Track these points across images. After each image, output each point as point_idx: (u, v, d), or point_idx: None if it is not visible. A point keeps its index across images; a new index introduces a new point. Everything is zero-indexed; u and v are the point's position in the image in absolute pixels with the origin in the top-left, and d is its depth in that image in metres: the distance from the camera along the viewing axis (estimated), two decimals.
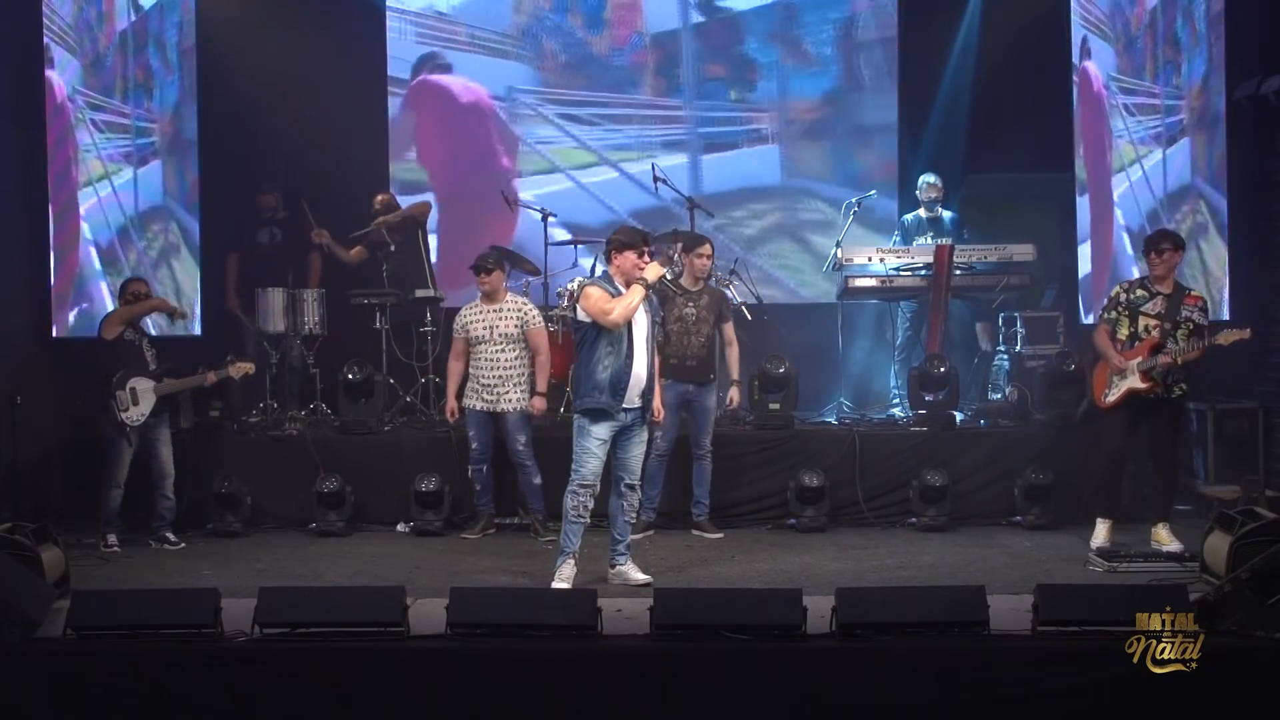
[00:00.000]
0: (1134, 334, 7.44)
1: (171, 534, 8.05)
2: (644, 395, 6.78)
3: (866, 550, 7.72)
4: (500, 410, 8.05)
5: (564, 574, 6.73)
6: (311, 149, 9.98)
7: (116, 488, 7.91)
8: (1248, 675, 5.27)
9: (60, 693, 5.39)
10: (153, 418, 7.96)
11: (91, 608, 5.68)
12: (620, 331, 6.66)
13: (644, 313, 6.78)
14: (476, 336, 8.09)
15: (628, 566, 6.92)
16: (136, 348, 8.07)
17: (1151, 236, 7.71)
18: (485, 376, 8.07)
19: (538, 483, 8.08)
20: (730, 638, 5.44)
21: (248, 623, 5.57)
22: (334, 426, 9.02)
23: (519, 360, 8.09)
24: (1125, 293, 7.55)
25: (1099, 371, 7.60)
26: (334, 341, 9.43)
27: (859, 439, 8.60)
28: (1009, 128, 10.16)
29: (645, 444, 6.97)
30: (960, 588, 5.88)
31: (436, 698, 5.39)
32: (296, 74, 9.96)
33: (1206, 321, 7.44)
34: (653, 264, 6.79)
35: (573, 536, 6.75)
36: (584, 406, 6.73)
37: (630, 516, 6.96)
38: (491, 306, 8.15)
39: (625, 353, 6.67)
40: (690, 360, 8.02)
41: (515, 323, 8.09)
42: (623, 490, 6.87)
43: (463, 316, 8.24)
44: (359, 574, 7.22)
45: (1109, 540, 7.42)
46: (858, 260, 9.36)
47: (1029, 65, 10.13)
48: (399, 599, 5.61)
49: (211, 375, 8.19)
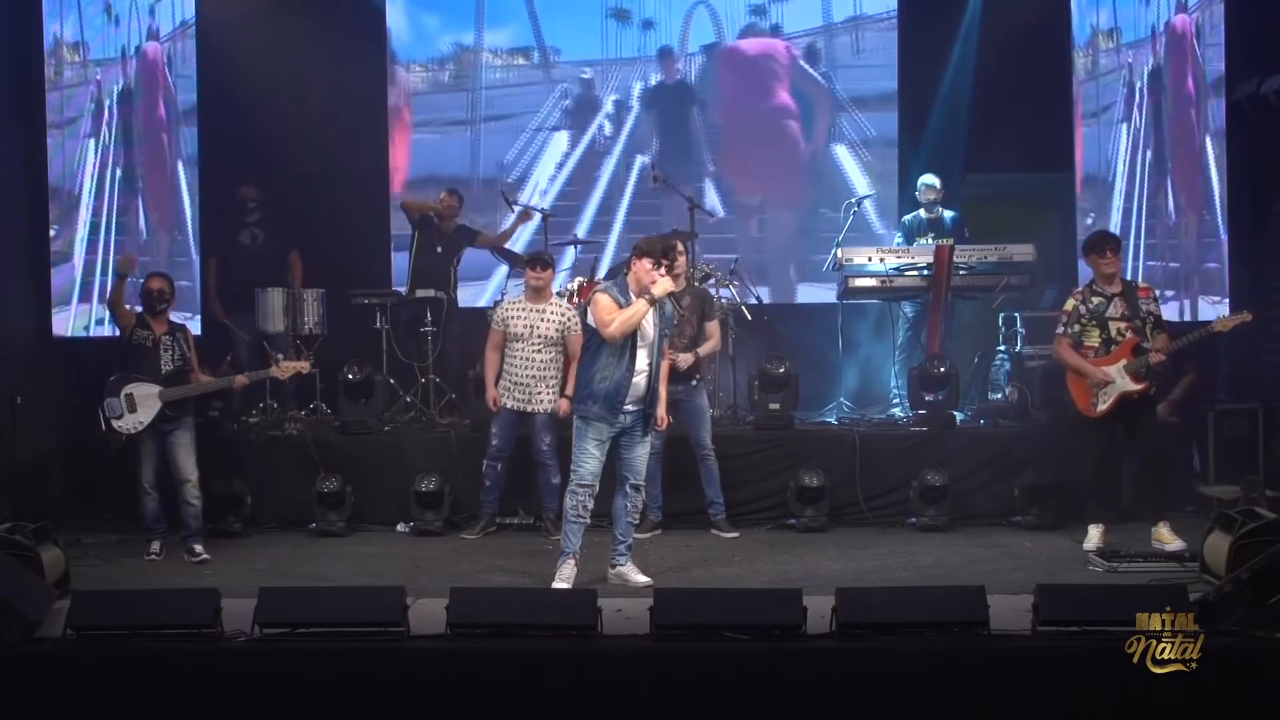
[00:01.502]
0: (1107, 339, 7.43)
1: (198, 545, 7.67)
2: (644, 400, 6.76)
3: (866, 550, 7.72)
4: (531, 410, 8.02)
5: (564, 574, 6.73)
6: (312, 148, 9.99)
7: (145, 494, 7.69)
8: (1248, 675, 5.26)
9: (60, 693, 5.38)
10: (166, 423, 7.61)
11: (91, 608, 5.67)
12: (621, 345, 6.61)
13: (651, 323, 6.70)
14: (515, 333, 8.01)
15: (628, 568, 6.93)
16: (147, 349, 7.68)
17: (1095, 239, 7.67)
18: (519, 375, 8.02)
19: (556, 482, 8.05)
20: (730, 638, 5.43)
21: (248, 623, 5.56)
22: (334, 426, 9.02)
23: (554, 362, 8.02)
24: (1082, 303, 7.52)
25: (1074, 384, 7.57)
26: (334, 341, 9.43)
27: (859, 439, 8.60)
28: (1009, 128, 10.16)
29: (649, 443, 6.96)
30: (960, 588, 5.87)
31: (436, 698, 5.38)
32: (297, 73, 9.99)
33: (1160, 310, 7.51)
34: (664, 279, 6.62)
35: (573, 537, 6.77)
36: (578, 414, 6.74)
37: (633, 517, 6.95)
38: (535, 306, 8.08)
39: (626, 365, 6.62)
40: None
41: (557, 326, 8.02)
42: (628, 490, 6.86)
43: (504, 310, 8.16)
44: (359, 574, 7.21)
45: (1103, 542, 7.42)
46: (858, 260, 9.35)
47: (1029, 65, 10.13)
48: (399, 599, 5.61)
49: (242, 378, 7.96)
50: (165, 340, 7.75)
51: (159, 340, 7.73)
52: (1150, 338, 7.34)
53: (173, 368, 7.71)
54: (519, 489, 8.34)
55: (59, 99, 9.76)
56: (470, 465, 8.36)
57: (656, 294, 6.60)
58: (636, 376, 6.66)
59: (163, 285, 7.87)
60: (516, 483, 8.30)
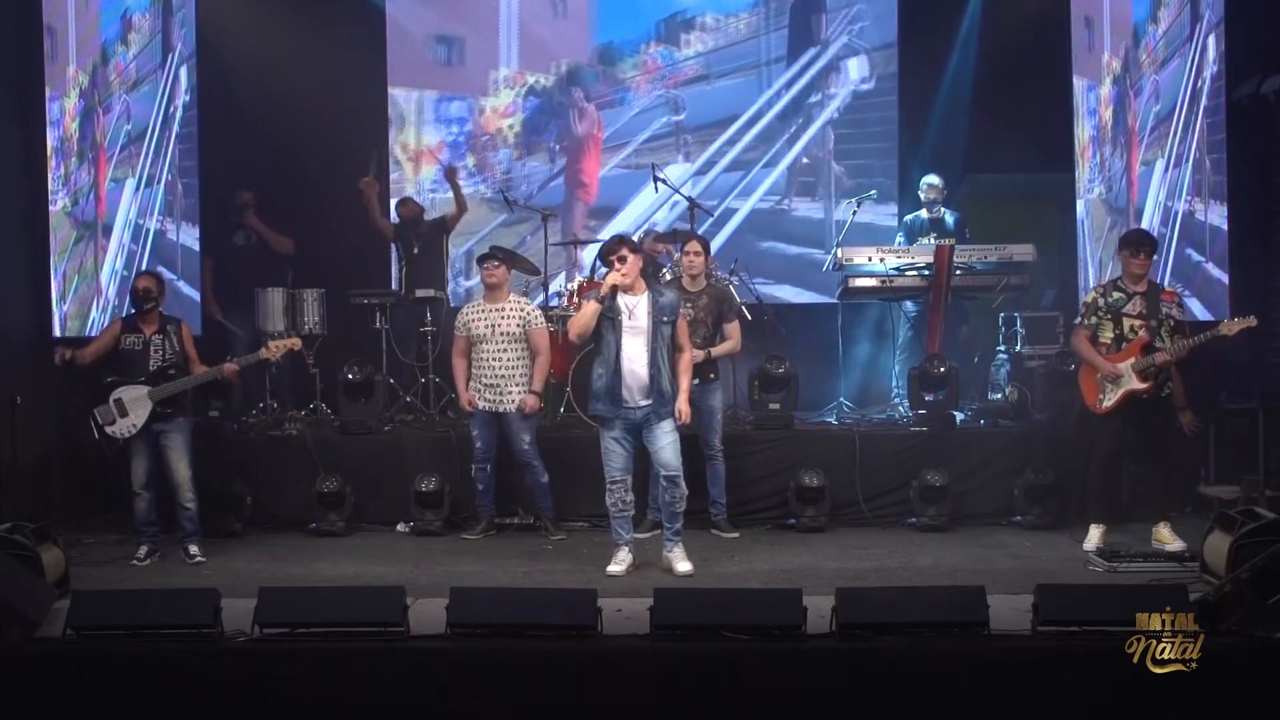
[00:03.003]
0: (1119, 336, 7.43)
1: (193, 546, 7.62)
2: (654, 394, 6.87)
3: (866, 550, 7.72)
4: (503, 410, 8.04)
5: (617, 559, 7.11)
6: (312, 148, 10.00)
7: (135, 495, 7.62)
8: (1248, 675, 5.27)
9: (60, 693, 5.39)
10: (159, 422, 7.53)
11: (91, 608, 5.68)
12: (606, 340, 6.90)
13: (644, 314, 6.89)
14: (478, 335, 8.08)
15: (673, 554, 7.12)
16: (135, 353, 7.58)
17: (1132, 237, 7.66)
18: (487, 376, 8.06)
19: (545, 481, 8.09)
20: (730, 638, 5.43)
21: (248, 623, 5.56)
22: (334, 426, 9.02)
23: (520, 360, 8.07)
24: (1102, 296, 7.53)
25: (1086, 377, 7.59)
26: (334, 341, 9.44)
27: (859, 439, 8.60)
28: (1009, 128, 10.16)
29: (674, 436, 7.03)
30: (960, 588, 5.88)
31: (436, 698, 5.39)
32: (297, 73, 9.99)
33: (1184, 317, 7.49)
34: (612, 274, 6.91)
35: (619, 529, 7.11)
36: (591, 415, 7.09)
37: (678, 507, 7.09)
38: (494, 305, 8.14)
39: (614, 359, 6.88)
40: None
41: (517, 322, 8.08)
42: (664, 484, 7.04)
43: (465, 315, 8.23)
44: (359, 574, 7.21)
45: (1103, 542, 7.42)
46: (858, 260, 9.35)
47: (1029, 65, 10.13)
48: (399, 599, 5.61)
49: (232, 365, 7.78)
50: (156, 339, 7.63)
51: (149, 341, 7.63)
52: (1165, 340, 7.33)
53: (162, 365, 7.60)
54: (517, 490, 8.33)
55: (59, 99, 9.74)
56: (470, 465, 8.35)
57: (602, 291, 6.92)
58: (633, 366, 6.86)
59: (149, 284, 7.75)
60: (515, 483, 8.30)
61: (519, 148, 10.92)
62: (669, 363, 6.97)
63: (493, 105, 10.88)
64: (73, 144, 9.72)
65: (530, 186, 10.81)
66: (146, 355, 7.62)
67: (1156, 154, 9.67)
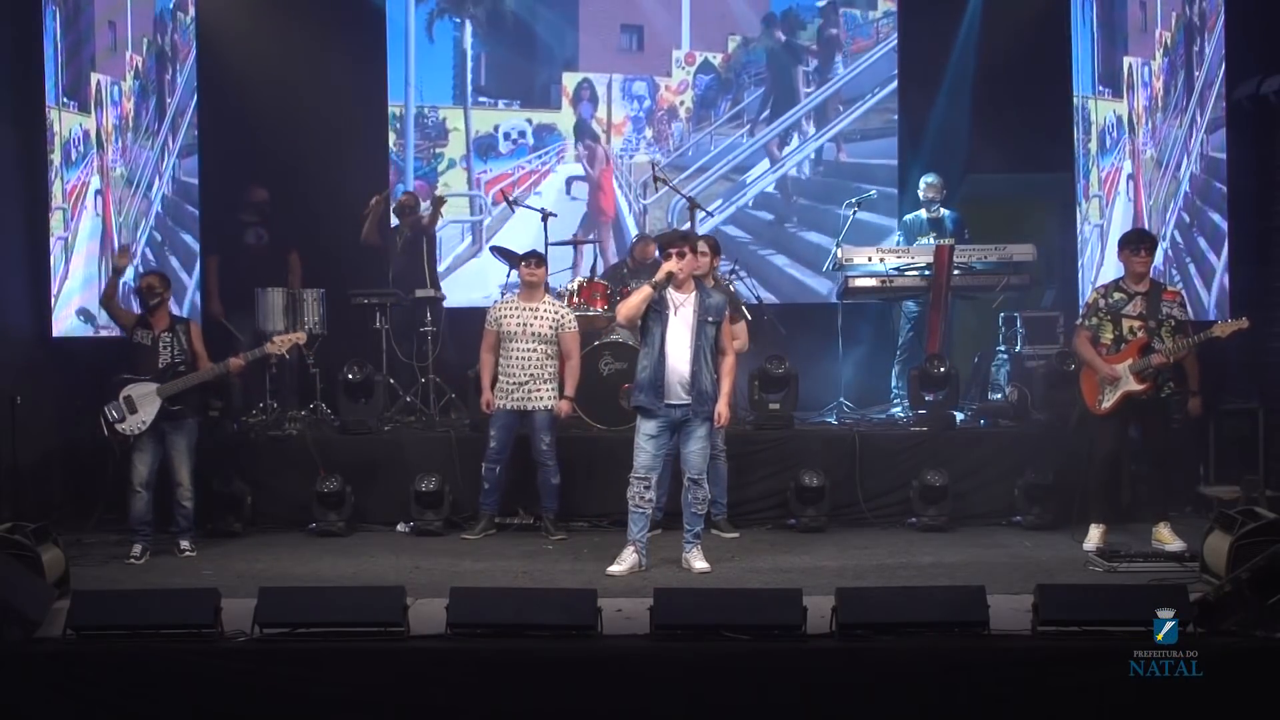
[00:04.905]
0: (1119, 337, 7.44)
1: (185, 541, 7.75)
2: (694, 391, 6.92)
3: (866, 550, 7.72)
4: (529, 409, 8.02)
5: (621, 559, 7.06)
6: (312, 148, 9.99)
7: (134, 492, 7.65)
8: (1248, 675, 5.26)
9: (60, 693, 5.38)
10: (167, 421, 7.60)
11: (91, 608, 5.67)
12: (652, 332, 6.97)
13: (691, 310, 6.97)
14: (509, 332, 8.03)
15: (690, 554, 7.14)
16: (146, 348, 7.68)
17: (1131, 236, 7.67)
18: (515, 374, 8.01)
19: (555, 483, 8.09)
20: (730, 638, 5.43)
21: (248, 623, 5.56)
22: (334, 426, 9.02)
23: (549, 360, 8.04)
24: (1103, 297, 7.53)
25: (1086, 378, 7.59)
26: (334, 341, 9.44)
27: (859, 439, 8.61)
28: (1009, 128, 10.17)
29: (706, 441, 7.08)
30: (960, 588, 5.88)
31: (436, 698, 5.39)
32: (297, 73, 10.00)
33: (1187, 316, 7.47)
34: (668, 263, 6.96)
35: (633, 525, 7.07)
36: (631, 404, 7.15)
37: (698, 509, 7.12)
38: (528, 304, 8.10)
39: (658, 352, 6.94)
40: None
41: (550, 324, 8.05)
42: (686, 484, 7.08)
43: (497, 310, 8.18)
44: (359, 574, 7.21)
45: (1103, 542, 7.42)
46: (858, 260, 9.36)
47: (1029, 65, 10.13)
48: (399, 599, 5.61)
49: (238, 360, 7.79)
50: (165, 337, 7.73)
51: (158, 337, 7.73)
52: (1164, 340, 7.32)
53: (170, 362, 7.67)
54: (519, 489, 8.33)
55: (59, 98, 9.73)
56: (470, 465, 8.35)
57: (657, 278, 6.92)
58: (677, 363, 6.93)
59: (153, 281, 7.86)
60: (516, 483, 8.30)
61: (689, 121, 11.02)
62: (712, 363, 7.01)
63: (666, 84, 11.01)
64: (73, 142, 9.73)
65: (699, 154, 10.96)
66: (156, 352, 7.70)
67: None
